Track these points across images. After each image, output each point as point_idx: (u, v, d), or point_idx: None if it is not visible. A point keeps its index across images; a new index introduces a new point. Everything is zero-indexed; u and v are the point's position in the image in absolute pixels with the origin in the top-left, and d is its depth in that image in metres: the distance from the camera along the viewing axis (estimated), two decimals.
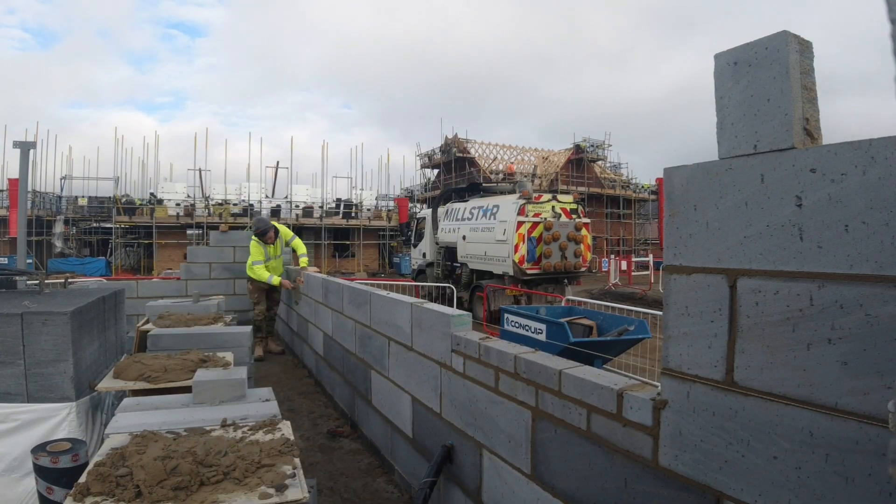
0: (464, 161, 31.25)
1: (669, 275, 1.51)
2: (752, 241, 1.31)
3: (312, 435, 4.20)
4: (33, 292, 3.83)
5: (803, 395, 1.19)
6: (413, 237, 15.00)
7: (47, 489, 2.30)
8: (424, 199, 30.91)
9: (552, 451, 1.95)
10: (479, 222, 11.34)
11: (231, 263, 8.08)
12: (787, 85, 1.25)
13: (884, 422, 1.05)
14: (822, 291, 1.16)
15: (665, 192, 1.54)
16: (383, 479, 3.45)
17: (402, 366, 3.27)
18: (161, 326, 4.04)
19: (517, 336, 6.19)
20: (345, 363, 4.49)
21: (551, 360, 2.06)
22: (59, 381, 2.93)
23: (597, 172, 33.27)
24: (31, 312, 2.91)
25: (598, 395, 1.73)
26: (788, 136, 1.24)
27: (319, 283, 5.41)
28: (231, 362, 3.12)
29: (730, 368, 1.34)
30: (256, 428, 2.06)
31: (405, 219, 22.61)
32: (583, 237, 10.47)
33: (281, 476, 1.70)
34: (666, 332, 1.52)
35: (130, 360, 3.13)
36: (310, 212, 26.54)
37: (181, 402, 2.42)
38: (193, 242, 22.77)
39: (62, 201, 25.91)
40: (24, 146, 7.47)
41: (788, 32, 1.26)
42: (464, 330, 2.64)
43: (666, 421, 1.50)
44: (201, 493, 1.61)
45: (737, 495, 1.32)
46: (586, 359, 5.02)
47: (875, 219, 1.08)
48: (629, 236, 32.64)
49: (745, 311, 1.32)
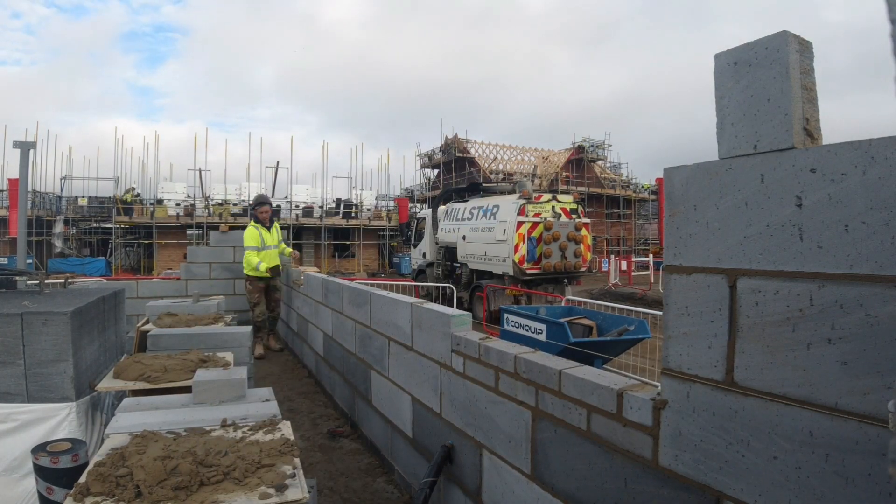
0: (464, 161, 31.26)
1: (669, 275, 1.52)
2: (752, 241, 1.31)
3: (312, 435, 4.20)
4: (33, 292, 3.83)
5: (803, 395, 1.19)
6: (413, 237, 15.00)
7: (47, 489, 2.30)
8: (424, 199, 30.91)
9: (552, 451, 1.95)
10: (479, 222, 11.34)
11: (231, 263, 8.09)
12: (787, 85, 1.25)
13: (884, 422, 1.05)
14: (822, 291, 1.16)
15: (665, 192, 1.54)
16: (383, 479, 3.45)
17: (402, 366, 3.27)
18: (161, 326, 4.04)
19: (517, 336, 6.19)
20: (345, 363, 4.49)
21: (551, 360, 2.06)
22: (59, 381, 2.93)
23: (597, 172, 33.28)
24: (31, 312, 2.91)
25: (598, 395, 1.73)
26: (788, 136, 1.24)
27: (319, 283, 5.41)
28: (231, 362, 3.13)
29: (730, 368, 1.34)
30: (256, 428, 2.06)
31: (405, 219, 22.60)
32: (583, 237, 10.47)
33: (281, 476, 1.70)
34: (666, 332, 1.52)
35: (130, 360, 3.13)
36: (310, 212, 26.54)
37: (181, 402, 2.42)
38: (193, 242, 22.78)
39: (62, 201, 25.90)
40: (23, 146, 7.47)
41: (788, 32, 1.26)
42: (464, 330, 2.64)
43: (666, 421, 1.50)
44: (201, 493, 1.61)
45: (737, 495, 1.32)
46: (586, 359, 5.02)
47: (875, 219, 1.08)
48: (629, 236, 32.64)
49: (745, 311, 1.32)
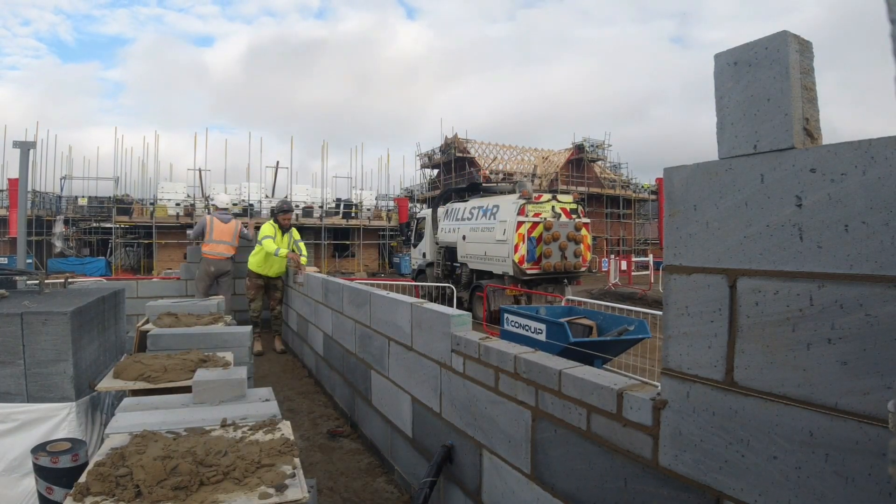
0: (464, 161, 31.27)
1: (669, 275, 1.52)
2: (752, 241, 1.31)
3: (312, 435, 4.20)
4: (33, 292, 3.83)
5: (803, 395, 1.19)
6: (413, 237, 15.00)
7: (47, 489, 2.30)
8: (424, 199, 30.92)
9: (552, 451, 1.95)
10: (478, 222, 11.34)
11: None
12: (787, 85, 1.25)
13: (884, 422, 1.05)
14: (822, 291, 1.16)
15: (665, 192, 1.54)
16: (383, 478, 3.45)
17: (402, 366, 3.27)
18: (161, 326, 4.04)
19: (517, 336, 6.19)
20: (345, 363, 4.49)
21: (551, 360, 2.06)
22: (59, 381, 2.92)
23: (596, 172, 33.28)
24: (31, 312, 2.90)
25: (597, 395, 1.73)
26: (788, 136, 1.24)
27: (319, 283, 5.41)
28: (231, 362, 3.12)
29: (730, 368, 1.34)
30: (256, 428, 2.06)
31: (405, 219, 22.62)
32: (583, 237, 10.48)
33: (281, 476, 1.70)
34: (666, 332, 1.52)
35: (130, 359, 3.13)
36: (310, 212, 26.52)
37: (181, 402, 2.42)
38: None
39: (62, 201, 25.90)
40: (23, 146, 7.48)
41: (788, 32, 1.26)
42: (464, 330, 2.64)
43: (666, 421, 1.50)
44: (201, 493, 1.61)
45: (737, 495, 1.32)
46: (586, 359, 5.02)
47: (875, 219, 1.08)
48: (629, 236, 32.64)
49: (744, 311, 1.32)
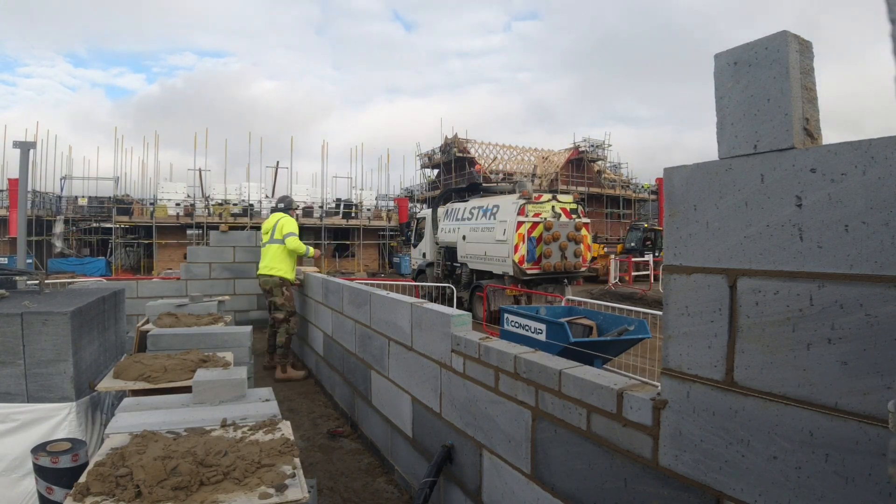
0: (464, 161, 31.26)
1: (669, 275, 1.51)
2: (752, 241, 1.31)
3: (312, 435, 4.20)
4: (33, 292, 3.83)
5: (803, 395, 1.19)
6: (413, 237, 14.99)
7: (47, 489, 2.30)
8: (424, 198, 30.92)
9: (552, 451, 1.95)
10: (479, 222, 11.34)
11: (231, 263, 8.09)
12: (787, 85, 1.25)
13: (884, 422, 1.05)
14: (822, 291, 1.16)
15: (665, 192, 1.54)
16: (383, 479, 3.45)
17: (402, 366, 3.27)
18: (161, 326, 4.04)
19: (517, 336, 6.18)
20: (345, 363, 4.49)
21: (551, 360, 2.06)
22: (59, 381, 2.92)
23: (595, 171, 33.28)
24: (31, 312, 2.90)
25: (598, 395, 1.73)
26: (788, 136, 1.24)
27: (319, 283, 5.41)
28: (231, 362, 3.13)
29: (730, 368, 1.34)
30: (256, 428, 2.06)
31: (405, 219, 22.61)
32: (583, 237, 10.47)
33: (281, 476, 1.70)
34: (666, 332, 1.52)
35: (130, 360, 3.13)
36: (310, 212, 26.51)
37: (181, 402, 2.42)
38: (193, 242, 22.77)
39: (62, 201, 25.91)
40: (23, 146, 7.48)
41: (788, 32, 1.26)
42: (464, 330, 2.64)
43: (666, 421, 1.50)
44: (201, 493, 1.61)
45: (737, 495, 1.32)
46: (586, 359, 5.02)
47: (875, 219, 1.08)
48: None
49: (745, 311, 1.31)
